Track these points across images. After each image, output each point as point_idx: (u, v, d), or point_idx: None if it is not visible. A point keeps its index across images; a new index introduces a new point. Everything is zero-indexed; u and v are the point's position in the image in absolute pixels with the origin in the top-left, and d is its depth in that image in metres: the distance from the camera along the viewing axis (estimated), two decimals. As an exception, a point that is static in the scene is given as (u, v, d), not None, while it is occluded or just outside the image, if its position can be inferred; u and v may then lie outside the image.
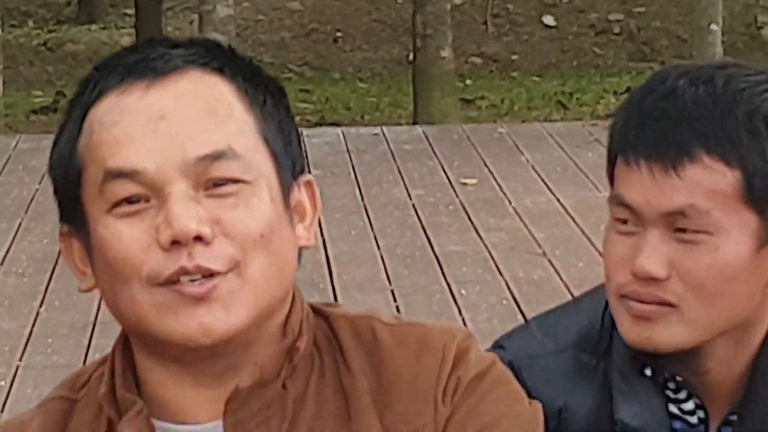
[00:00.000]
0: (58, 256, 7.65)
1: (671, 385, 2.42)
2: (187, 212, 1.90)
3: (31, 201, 8.59)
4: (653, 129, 2.32)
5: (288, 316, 2.01)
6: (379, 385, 2.02)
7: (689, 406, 2.42)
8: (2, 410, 5.85)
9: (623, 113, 2.38)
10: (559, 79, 14.28)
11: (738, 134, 2.31)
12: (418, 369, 2.02)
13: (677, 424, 2.43)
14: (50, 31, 16.09)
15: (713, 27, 10.84)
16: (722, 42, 11.03)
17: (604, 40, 15.59)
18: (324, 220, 8.00)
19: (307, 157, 8.84)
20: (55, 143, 2.02)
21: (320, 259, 7.41)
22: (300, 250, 2.01)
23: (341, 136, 10.44)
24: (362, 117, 12.18)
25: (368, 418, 2.01)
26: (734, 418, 2.41)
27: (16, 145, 10.07)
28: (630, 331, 2.34)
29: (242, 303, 1.94)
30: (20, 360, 6.18)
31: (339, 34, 15.99)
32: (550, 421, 2.35)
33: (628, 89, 12.67)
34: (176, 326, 1.92)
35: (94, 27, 16.26)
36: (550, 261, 7.27)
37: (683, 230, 2.29)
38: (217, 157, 1.92)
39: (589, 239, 7.49)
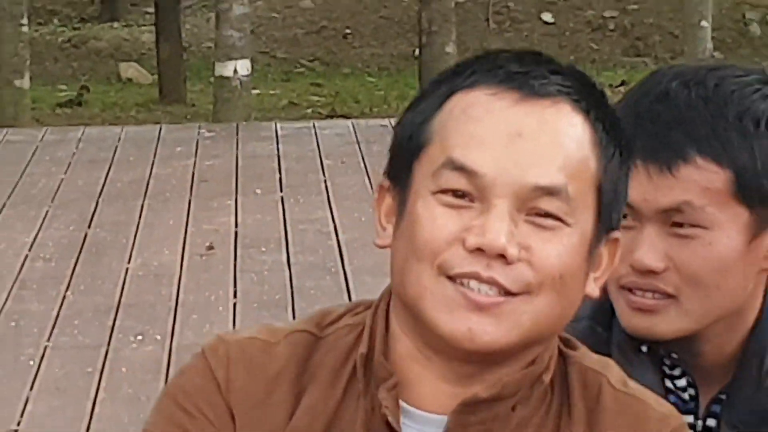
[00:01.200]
0: (83, 243, 7.73)
1: (667, 362, 2.45)
2: (503, 229, 1.90)
3: (57, 190, 8.65)
4: (648, 131, 2.34)
5: (545, 348, 2.03)
6: None
7: (682, 383, 2.45)
8: (31, 388, 5.85)
9: (624, 109, 2.37)
10: None
11: (728, 135, 2.34)
12: None
13: (672, 398, 2.43)
14: (74, 29, 16.14)
15: (703, 23, 10.92)
16: (712, 38, 11.09)
17: (599, 36, 15.68)
18: (335, 208, 8.07)
19: (319, 147, 8.91)
20: (411, 105, 2.00)
21: (332, 244, 7.42)
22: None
23: (351, 128, 10.49)
24: (371, 109, 12.28)
25: None
26: (723, 396, 2.43)
27: (42, 137, 10.13)
28: (630, 321, 2.38)
29: (516, 326, 1.95)
30: (48, 340, 6.22)
31: (348, 30, 16.08)
32: None
33: (623, 82, 12.71)
34: (447, 322, 1.93)
35: (116, 25, 16.31)
36: None
37: (679, 225, 2.32)
38: (550, 192, 1.93)
39: None
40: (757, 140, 2.34)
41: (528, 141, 1.92)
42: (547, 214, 1.92)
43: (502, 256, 1.89)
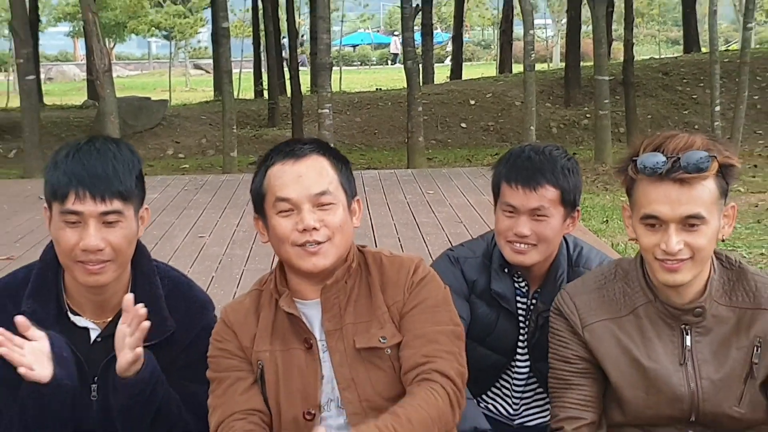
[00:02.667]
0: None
1: (515, 275, 2.46)
2: (310, 217, 1.93)
3: (248, 202, 8.65)
4: (523, 174, 2.36)
5: (348, 253, 2.02)
6: (382, 282, 2.01)
7: (522, 284, 2.46)
8: (236, 287, 5.60)
9: (506, 163, 2.42)
10: (468, 150, 14.25)
11: (558, 175, 2.37)
12: (398, 276, 2.01)
13: (518, 292, 2.46)
14: (257, 131, 16.01)
15: (531, 128, 10.79)
16: (535, 134, 11.01)
17: (487, 134, 15.44)
18: (370, 209, 8.00)
19: (363, 183, 8.62)
20: (253, 180, 2.06)
21: (367, 224, 7.34)
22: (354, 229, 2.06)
23: (378, 174, 10.38)
24: (386, 166, 12.20)
25: (378, 296, 2.00)
26: (539, 290, 2.45)
27: (242, 178, 10.07)
28: (513, 258, 2.39)
29: (331, 256, 1.96)
30: (244, 266, 6.13)
31: (376, 131, 15.96)
32: (469, 287, 2.45)
33: (497, 154, 12.66)
34: (302, 264, 1.96)
35: (274, 129, 16.21)
36: (464, 225, 7.23)
37: (537, 215, 2.34)
38: (322, 193, 1.96)
39: (481, 217, 7.46)
40: (570, 177, 2.37)
41: (305, 177, 1.96)
42: (326, 204, 1.96)
43: (315, 229, 1.93)
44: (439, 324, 1.95)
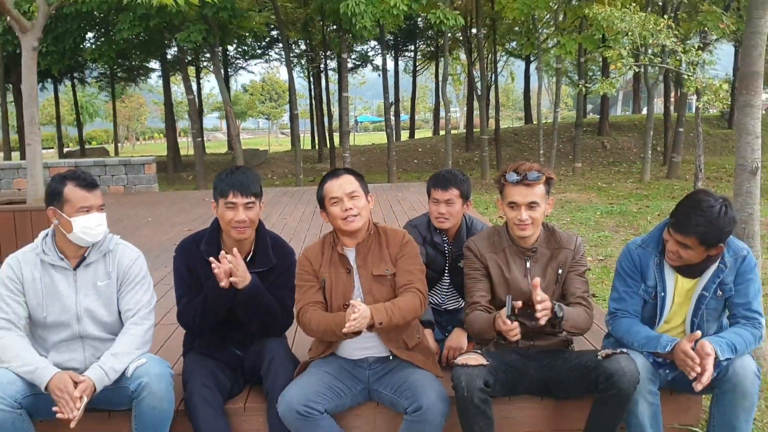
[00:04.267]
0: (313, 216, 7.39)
1: (443, 235, 2.30)
2: (348, 203, 1.82)
3: (308, 201, 8.35)
4: (441, 182, 2.19)
5: (369, 225, 1.91)
6: (387, 242, 1.90)
7: (445, 238, 2.30)
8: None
9: (434, 179, 2.27)
10: (417, 174, 13.35)
11: (458, 183, 2.23)
12: (395, 239, 1.90)
13: (444, 243, 2.29)
14: (312, 165, 14.68)
15: (449, 162, 10.49)
16: (451, 165, 10.68)
17: (426, 165, 14.46)
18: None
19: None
20: (318, 191, 1.90)
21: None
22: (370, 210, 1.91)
23: (372, 186, 9.68)
24: (377, 181, 11.59)
25: (384, 249, 1.89)
26: (453, 242, 2.28)
27: (305, 189, 9.53)
28: (438, 225, 2.24)
29: (360, 222, 1.85)
30: (307, 231, 5.77)
31: (372, 165, 15.05)
32: (422, 240, 2.25)
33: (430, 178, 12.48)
34: (343, 226, 1.85)
35: (321, 163, 14.67)
36: (416, 210, 6.82)
37: (449, 203, 2.22)
38: (352, 192, 1.84)
39: (425, 206, 7.17)
40: (465, 184, 2.23)
41: (343, 185, 1.81)
42: (355, 196, 1.83)
43: (350, 209, 1.81)
44: (415, 264, 1.90)
